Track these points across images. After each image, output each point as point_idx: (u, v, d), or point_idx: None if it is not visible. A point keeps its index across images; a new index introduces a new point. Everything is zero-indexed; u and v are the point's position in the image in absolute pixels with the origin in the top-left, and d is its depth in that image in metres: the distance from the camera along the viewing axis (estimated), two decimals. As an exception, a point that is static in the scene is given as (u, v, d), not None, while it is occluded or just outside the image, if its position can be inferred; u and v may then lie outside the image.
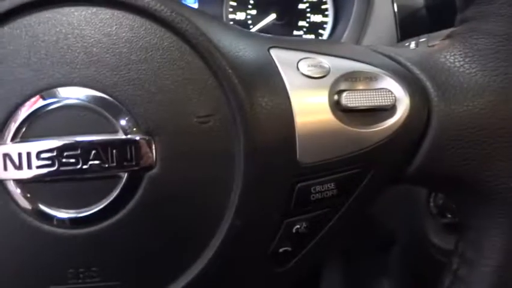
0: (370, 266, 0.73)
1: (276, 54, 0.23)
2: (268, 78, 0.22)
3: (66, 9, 0.20)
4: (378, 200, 0.25)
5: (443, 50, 0.23)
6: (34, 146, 0.19)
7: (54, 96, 0.19)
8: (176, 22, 0.20)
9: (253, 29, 0.61)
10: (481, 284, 0.23)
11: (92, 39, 0.20)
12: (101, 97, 0.19)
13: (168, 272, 0.20)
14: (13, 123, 0.19)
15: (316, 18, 0.61)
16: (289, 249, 0.22)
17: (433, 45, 0.31)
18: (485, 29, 0.23)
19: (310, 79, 0.22)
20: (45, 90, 0.19)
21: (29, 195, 0.19)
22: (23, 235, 0.19)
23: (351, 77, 0.23)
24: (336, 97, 0.22)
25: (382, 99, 0.22)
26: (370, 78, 0.23)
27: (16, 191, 0.19)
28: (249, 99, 0.20)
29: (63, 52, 0.19)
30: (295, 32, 0.62)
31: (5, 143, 0.19)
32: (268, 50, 0.23)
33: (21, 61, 0.19)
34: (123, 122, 0.19)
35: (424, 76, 0.23)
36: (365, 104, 0.22)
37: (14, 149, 0.19)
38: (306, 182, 0.22)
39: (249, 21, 0.61)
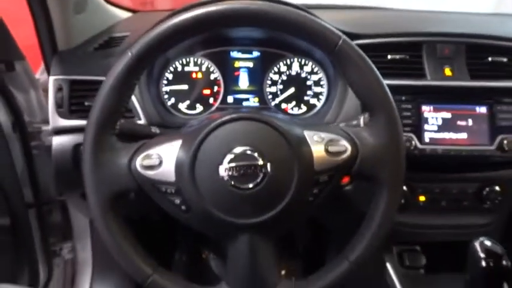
0: (349, 237, 1.13)
1: (306, 132, 0.65)
2: (305, 142, 0.64)
3: (230, 124, 0.63)
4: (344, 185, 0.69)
5: (365, 130, 0.66)
6: (234, 165, 0.60)
7: (237, 150, 0.61)
8: (272, 124, 0.63)
9: (280, 97, 1.01)
10: (373, 216, 0.66)
11: (239, 130, 0.63)
12: (250, 149, 0.61)
13: (267, 207, 0.62)
14: (226, 159, 0.61)
15: (317, 89, 1.02)
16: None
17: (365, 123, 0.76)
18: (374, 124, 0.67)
19: (317, 142, 0.65)
20: (233, 149, 0.61)
21: (228, 176, 0.61)
22: (226, 193, 0.61)
23: (331, 140, 0.65)
24: (326, 147, 0.64)
25: (342, 148, 0.64)
26: (338, 140, 0.65)
27: (226, 175, 0.61)
28: (299, 150, 0.62)
29: (232, 137, 0.62)
30: (305, 98, 1.01)
31: (225, 164, 0.61)
32: (303, 131, 0.66)
33: (218, 142, 0.62)
34: (259, 157, 0.61)
35: (357, 140, 0.65)
36: (336, 150, 0.64)
37: (229, 166, 0.61)
38: (317, 176, 0.64)
39: (278, 92, 1.01)
